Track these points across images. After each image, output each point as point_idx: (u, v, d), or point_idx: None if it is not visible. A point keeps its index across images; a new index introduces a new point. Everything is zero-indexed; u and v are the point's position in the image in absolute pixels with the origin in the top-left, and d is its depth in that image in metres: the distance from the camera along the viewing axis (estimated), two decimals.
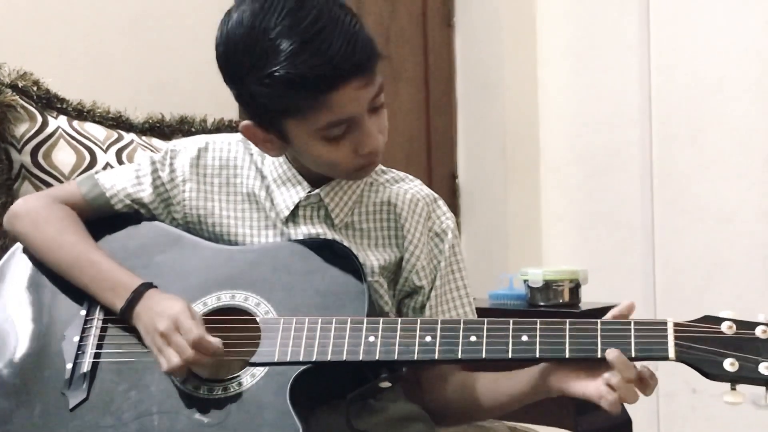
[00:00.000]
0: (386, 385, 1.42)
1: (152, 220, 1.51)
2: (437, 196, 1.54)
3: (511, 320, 1.29)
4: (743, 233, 3.27)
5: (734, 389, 1.22)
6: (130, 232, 1.50)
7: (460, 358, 1.29)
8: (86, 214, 1.51)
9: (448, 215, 1.53)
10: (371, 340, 1.30)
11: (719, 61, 3.31)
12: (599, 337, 1.25)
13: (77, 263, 1.42)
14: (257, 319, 1.35)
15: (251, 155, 1.51)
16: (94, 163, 1.83)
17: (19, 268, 1.50)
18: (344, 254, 1.40)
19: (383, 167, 1.53)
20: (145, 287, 1.37)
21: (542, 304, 2.58)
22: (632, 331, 1.25)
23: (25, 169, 1.78)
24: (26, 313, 1.45)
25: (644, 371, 1.25)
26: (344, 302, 1.36)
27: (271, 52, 1.29)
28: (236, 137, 1.50)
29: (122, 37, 2.51)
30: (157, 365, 1.32)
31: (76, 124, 1.87)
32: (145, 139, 1.97)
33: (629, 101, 3.46)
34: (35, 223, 1.48)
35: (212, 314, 1.38)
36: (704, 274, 3.35)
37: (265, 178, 1.48)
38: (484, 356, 1.28)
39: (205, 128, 2.04)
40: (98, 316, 1.41)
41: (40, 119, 1.82)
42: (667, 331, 1.24)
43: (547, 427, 1.87)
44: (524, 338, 1.27)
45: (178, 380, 1.33)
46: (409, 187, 1.52)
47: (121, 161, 1.86)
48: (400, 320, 1.33)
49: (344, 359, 1.29)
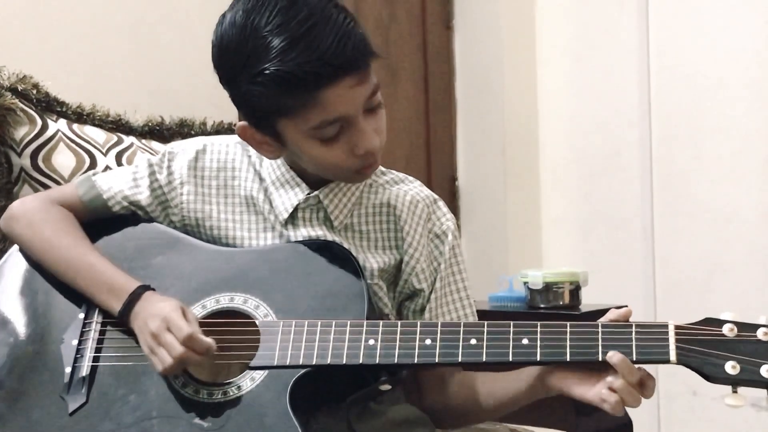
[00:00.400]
0: (386, 387, 1.40)
1: (150, 221, 1.50)
2: (437, 197, 1.53)
3: (511, 323, 1.28)
4: (744, 234, 3.28)
5: (735, 392, 1.21)
6: (127, 234, 1.49)
7: (460, 361, 1.28)
8: (83, 215, 1.50)
9: (448, 216, 1.52)
10: (371, 343, 1.29)
11: (718, 61, 3.31)
12: (600, 339, 1.25)
13: (74, 265, 1.42)
14: (256, 322, 1.35)
15: (249, 157, 1.50)
16: (93, 166, 1.83)
17: (16, 270, 1.49)
18: (344, 256, 1.39)
19: (383, 168, 1.52)
20: (142, 289, 1.36)
21: (542, 306, 2.57)
22: (633, 333, 1.25)
23: (24, 172, 1.78)
24: (24, 316, 1.44)
25: (644, 374, 1.24)
26: (344, 304, 1.35)
27: (262, 50, 1.29)
28: (234, 139, 1.50)
29: (122, 40, 2.51)
30: (152, 367, 1.31)
31: (75, 127, 1.87)
32: (144, 142, 1.97)
33: (629, 102, 3.46)
34: (32, 224, 1.47)
35: (211, 317, 1.37)
36: (705, 275, 3.34)
37: (263, 180, 1.47)
38: (484, 359, 1.27)
39: (204, 131, 2.04)
40: (97, 319, 1.40)
41: (39, 122, 1.81)
42: (668, 333, 1.23)
43: (547, 429, 1.86)
44: (525, 341, 1.27)
45: (177, 384, 1.32)
46: (408, 188, 1.52)
47: (120, 164, 1.85)
48: (400, 323, 1.32)
49: (344, 363, 1.29)
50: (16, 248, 1.51)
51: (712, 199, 3.35)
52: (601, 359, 1.24)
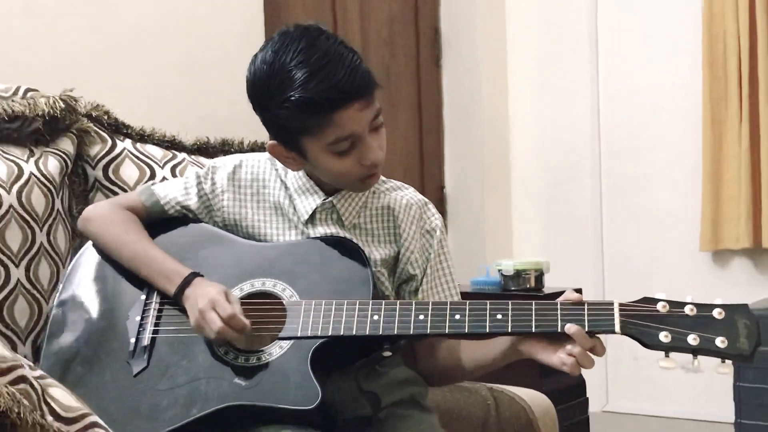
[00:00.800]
0: (388, 354, 1.41)
1: (198, 222, 1.50)
2: (428, 200, 1.53)
3: (488, 302, 1.28)
4: (674, 232, 3.30)
5: (668, 356, 1.21)
6: (180, 231, 1.49)
7: (447, 332, 1.28)
8: (144, 217, 1.50)
9: (436, 216, 1.51)
10: (375, 318, 1.29)
11: (656, 90, 3.33)
12: (559, 315, 1.25)
13: (138, 257, 1.42)
14: (284, 301, 1.35)
15: (276, 170, 1.49)
16: (153, 177, 1.82)
17: (90, 261, 1.49)
18: (353, 249, 1.39)
19: (383, 178, 1.52)
20: (193, 275, 1.36)
21: (513, 288, 2.58)
22: (586, 310, 1.24)
23: (98, 182, 1.78)
24: (97, 297, 1.44)
25: (596, 341, 1.24)
26: (353, 287, 1.35)
27: (287, 81, 1.29)
28: (265, 155, 1.49)
29: (176, 76, 2.52)
30: (202, 338, 1.31)
31: (138, 145, 1.86)
32: (194, 157, 1.96)
33: (582, 125, 3.48)
34: (104, 224, 1.47)
35: (248, 298, 1.37)
36: (643, 264, 3.36)
37: (288, 188, 1.47)
38: (466, 331, 1.27)
39: (242, 149, 2.03)
40: (155, 299, 1.40)
41: (110, 142, 1.81)
42: (613, 309, 1.23)
43: (518, 387, 1.85)
44: (499, 316, 1.26)
45: (220, 352, 1.32)
46: (404, 193, 1.51)
47: (175, 176, 1.84)
48: (398, 302, 1.32)
49: (354, 334, 1.29)
50: (90, 244, 1.51)
51: (650, 202, 3.36)
52: (560, 330, 1.23)
